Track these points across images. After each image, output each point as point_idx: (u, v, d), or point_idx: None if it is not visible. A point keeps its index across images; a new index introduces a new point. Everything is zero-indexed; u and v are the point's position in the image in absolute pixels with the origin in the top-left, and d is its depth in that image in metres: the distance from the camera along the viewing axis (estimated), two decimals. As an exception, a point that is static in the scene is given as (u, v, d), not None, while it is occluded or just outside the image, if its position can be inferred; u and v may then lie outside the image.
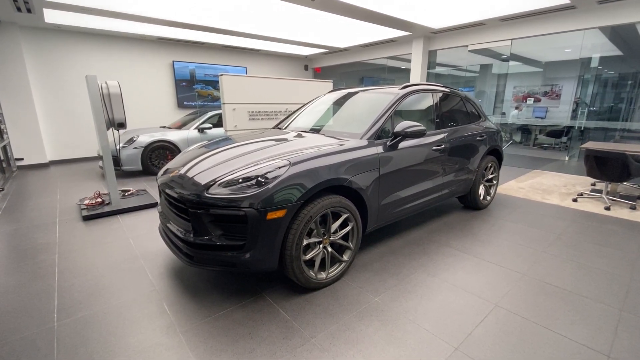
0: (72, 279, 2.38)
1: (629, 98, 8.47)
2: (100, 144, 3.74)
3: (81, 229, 3.36)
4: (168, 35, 7.49)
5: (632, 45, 6.84)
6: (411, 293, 2.19)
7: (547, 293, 2.20)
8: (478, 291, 2.22)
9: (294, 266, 2.01)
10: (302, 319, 1.93)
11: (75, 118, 7.24)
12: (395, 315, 1.96)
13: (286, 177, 1.93)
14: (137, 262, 2.64)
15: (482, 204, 3.87)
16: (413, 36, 7.58)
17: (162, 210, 2.53)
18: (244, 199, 1.84)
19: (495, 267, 2.54)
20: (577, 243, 2.99)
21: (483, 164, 3.70)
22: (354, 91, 3.33)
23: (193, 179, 2.10)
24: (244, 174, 1.97)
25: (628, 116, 8.17)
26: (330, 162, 2.15)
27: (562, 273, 2.46)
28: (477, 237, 3.10)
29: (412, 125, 2.53)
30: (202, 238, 1.94)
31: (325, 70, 11.42)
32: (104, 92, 3.68)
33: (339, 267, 2.32)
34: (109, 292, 2.21)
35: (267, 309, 2.03)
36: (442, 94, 3.36)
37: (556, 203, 4.20)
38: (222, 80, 4.78)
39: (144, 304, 2.08)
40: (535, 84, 9.46)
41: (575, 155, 7.46)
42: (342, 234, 2.27)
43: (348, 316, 1.95)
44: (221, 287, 2.28)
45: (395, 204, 2.68)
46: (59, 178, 5.74)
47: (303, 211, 1.99)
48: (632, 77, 8.58)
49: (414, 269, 2.50)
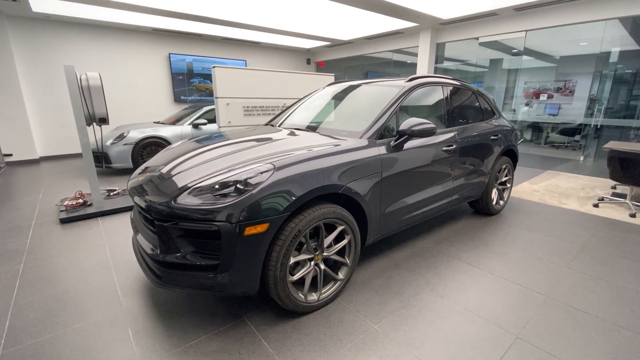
0: (31, 295, 2.11)
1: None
2: (80, 140, 3.45)
3: (56, 233, 3.09)
4: (164, 26, 7.17)
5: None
6: (417, 319, 1.88)
7: (576, 321, 1.88)
8: (494, 318, 1.90)
9: (279, 289, 1.71)
10: (287, 352, 1.63)
11: (66, 112, 6.97)
12: (397, 350, 1.65)
13: (269, 183, 1.62)
14: (108, 274, 2.36)
15: (494, 209, 3.53)
16: (420, 27, 7.18)
17: (134, 217, 2.24)
18: (218, 211, 1.54)
19: (513, 287, 2.22)
20: (604, 257, 2.65)
21: (497, 165, 3.36)
22: (355, 84, 3.00)
23: (162, 185, 1.80)
24: (220, 179, 1.67)
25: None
26: (323, 166, 1.83)
27: (591, 295, 2.13)
28: (491, 249, 2.78)
29: (420, 122, 2.20)
30: (171, 255, 1.64)
31: (328, 64, 11.04)
32: (83, 84, 3.38)
33: (334, 286, 2.01)
34: (70, 313, 1.93)
35: (248, 338, 1.73)
36: (453, 87, 3.01)
37: (575, 208, 3.84)
38: (215, 73, 4.46)
39: (105, 329, 1.79)
40: (547, 80, 9.01)
41: (590, 155, 7.06)
42: (337, 248, 1.96)
43: (342, 350, 1.64)
44: (197, 307, 1.98)
45: (400, 212, 2.36)
46: (47, 175, 5.49)
47: (290, 224, 1.68)
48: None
49: (420, 288, 2.19)
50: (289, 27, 7.38)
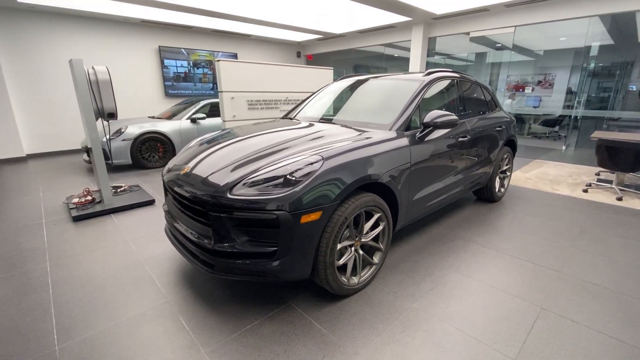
0: (69, 292, 2.10)
1: (616, 88, 8.59)
2: (90, 136, 3.37)
3: (72, 231, 3.04)
4: (153, 18, 6.96)
5: (625, 35, 6.84)
6: (449, 297, 2.03)
7: (590, 292, 2.09)
8: (519, 292, 2.08)
9: (328, 273, 1.81)
10: (339, 331, 1.74)
11: (54, 108, 6.68)
12: (439, 324, 1.79)
13: (321, 173, 1.71)
14: (142, 269, 2.37)
15: (497, 197, 3.75)
16: (413, 22, 7.34)
17: (169, 209, 2.26)
18: (276, 200, 1.61)
19: (529, 265, 2.42)
20: (601, 236, 2.91)
21: (500, 154, 3.57)
22: (371, 78, 3.09)
23: (211, 177, 1.84)
24: (269, 171, 1.73)
25: (616, 105, 8.32)
26: (364, 156, 1.94)
27: (597, 270, 2.36)
28: (501, 232, 2.98)
29: (443, 114, 2.33)
30: (225, 245, 1.70)
31: (317, 57, 11.05)
32: (92, 78, 3.30)
33: (370, 270, 2.13)
34: (114, 307, 1.95)
35: (299, 320, 1.83)
36: (463, 81, 3.17)
37: (567, 194, 4.14)
38: (219, 66, 4.43)
39: (157, 320, 1.84)
40: (529, 73, 9.43)
41: (571, 145, 7.51)
42: (374, 234, 2.08)
43: (390, 327, 1.77)
44: (240, 295, 2.05)
45: (425, 199, 2.50)
46: (40, 173, 5.28)
47: (337, 212, 1.78)
48: (621, 66, 8.68)
49: (446, 269, 2.35)
50: (281, 20, 7.34)
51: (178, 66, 8.21)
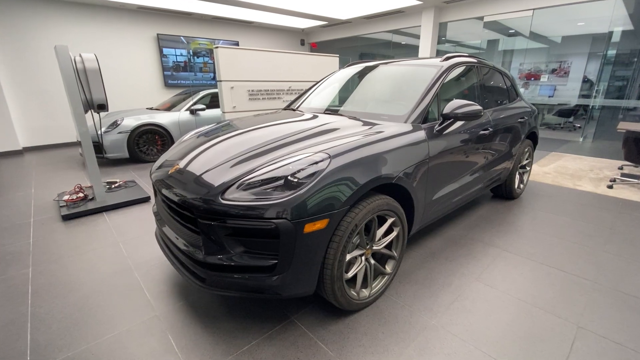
0: (49, 303, 1.91)
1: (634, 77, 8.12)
2: (79, 129, 3.15)
3: (61, 231, 2.85)
4: (151, 4, 6.65)
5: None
6: (472, 313, 1.80)
7: (632, 307, 1.84)
8: (550, 307, 1.84)
9: (335, 288, 1.58)
10: (348, 354, 1.53)
11: (51, 98, 6.47)
12: (463, 347, 1.57)
13: (327, 173, 1.46)
14: (131, 275, 2.17)
15: (516, 194, 3.48)
16: (423, 6, 6.94)
17: (158, 211, 2.04)
18: (273, 207, 1.37)
19: (558, 273, 2.17)
20: (634, 239, 2.64)
21: (521, 148, 3.29)
22: (381, 64, 2.81)
23: (201, 178, 1.61)
24: (268, 171, 1.49)
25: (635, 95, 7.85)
26: (376, 153, 1.68)
27: (634, 278, 2.11)
28: (523, 234, 2.73)
29: (465, 104, 2.06)
30: (217, 256, 1.47)
31: (321, 45, 10.66)
32: (79, 67, 3.05)
33: (382, 281, 1.90)
34: (98, 322, 1.75)
35: (302, 340, 1.61)
36: (484, 67, 2.87)
37: (591, 190, 3.85)
38: (217, 53, 4.16)
39: (143, 338, 1.63)
40: (543, 61, 8.98)
41: (589, 136, 7.14)
42: (387, 241, 1.84)
43: (406, 350, 1.55)
44: (237, 309, 1.84)
45: (442, 199, 2.25)
46: (35, 168, 5.11)
47: (346, 219, 1.54)
48: (639, 54, 8.19)
49: (466, 278, 2.11)
50: (284, 5, 6.99)
51: (177, 55, 7.93)
